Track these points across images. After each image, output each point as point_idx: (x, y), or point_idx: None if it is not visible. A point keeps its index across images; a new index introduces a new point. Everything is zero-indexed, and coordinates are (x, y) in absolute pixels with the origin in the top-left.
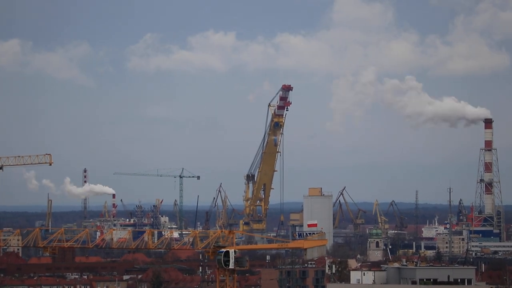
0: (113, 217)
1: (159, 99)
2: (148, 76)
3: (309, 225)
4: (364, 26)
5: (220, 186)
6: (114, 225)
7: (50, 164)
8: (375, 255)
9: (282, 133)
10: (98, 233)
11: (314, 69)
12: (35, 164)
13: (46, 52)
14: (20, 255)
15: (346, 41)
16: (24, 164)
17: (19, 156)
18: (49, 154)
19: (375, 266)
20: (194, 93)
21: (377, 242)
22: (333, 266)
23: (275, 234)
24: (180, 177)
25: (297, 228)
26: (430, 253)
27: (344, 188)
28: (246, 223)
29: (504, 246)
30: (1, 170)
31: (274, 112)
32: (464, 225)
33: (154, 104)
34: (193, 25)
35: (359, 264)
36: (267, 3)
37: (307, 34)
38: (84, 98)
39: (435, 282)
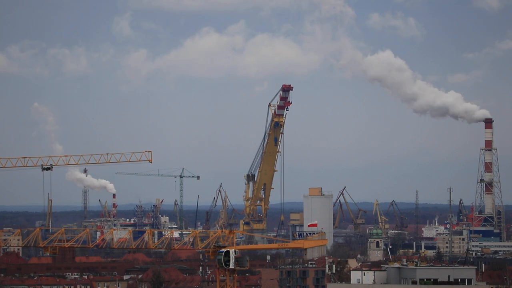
0: (113, 217)
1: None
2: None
3: (309, 225)
4: None
5: (220, 186)
6: (115, 225)
7: None
8: (376, 255)
9: (282, 133)
10: (99, 233)
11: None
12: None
13: None
14: (20, 255)
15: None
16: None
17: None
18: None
19: (375, 266)
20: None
21: (378, 242)
22: (333, 266)
23: (275, 234)
24: (180, 177)
25: (297, 228)
26: (430, 253)
27: (344, 188)
28: (246, 223)
29: (504, 246)
30: (50, 170)
31: (274, 112)
32: (464, 225)
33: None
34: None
35: (359, 264)
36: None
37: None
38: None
39: (435, 282)
